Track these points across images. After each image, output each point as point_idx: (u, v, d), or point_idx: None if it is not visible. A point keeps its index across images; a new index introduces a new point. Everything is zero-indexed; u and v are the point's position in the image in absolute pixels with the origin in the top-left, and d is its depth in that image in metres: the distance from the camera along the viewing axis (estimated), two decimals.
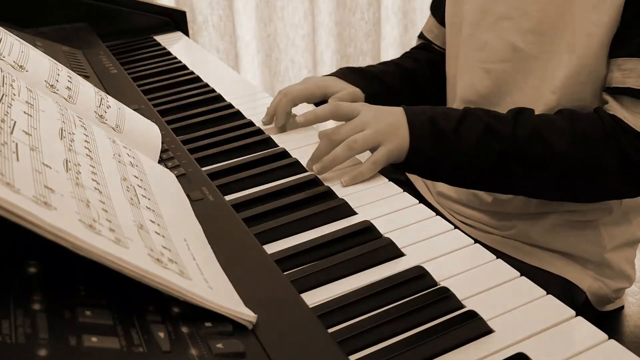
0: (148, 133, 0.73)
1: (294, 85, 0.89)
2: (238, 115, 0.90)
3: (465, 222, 0.92)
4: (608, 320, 0.88)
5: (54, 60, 0.76)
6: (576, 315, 0.49)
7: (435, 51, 1.02)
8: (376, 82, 0.95)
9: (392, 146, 0.72)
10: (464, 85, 0.88)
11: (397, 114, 0.74)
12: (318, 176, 0.72)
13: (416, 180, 1.03)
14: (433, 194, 0.99)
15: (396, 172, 0.90)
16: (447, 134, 0.72)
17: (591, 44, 0.74)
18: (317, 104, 0.90)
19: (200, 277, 0.45)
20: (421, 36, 1.06)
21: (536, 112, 0.76)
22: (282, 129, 0.87)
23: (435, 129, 0.72)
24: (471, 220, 0.91)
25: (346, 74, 0.94)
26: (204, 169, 0.71)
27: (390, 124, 0.73)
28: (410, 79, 0.99)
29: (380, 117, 0.73)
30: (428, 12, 1.04)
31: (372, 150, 0.73)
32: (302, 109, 0.86)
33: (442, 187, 0.94)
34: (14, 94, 0.51)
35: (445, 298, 0.51)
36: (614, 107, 0.73)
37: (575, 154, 0.72)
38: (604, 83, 0.76)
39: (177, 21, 1.36)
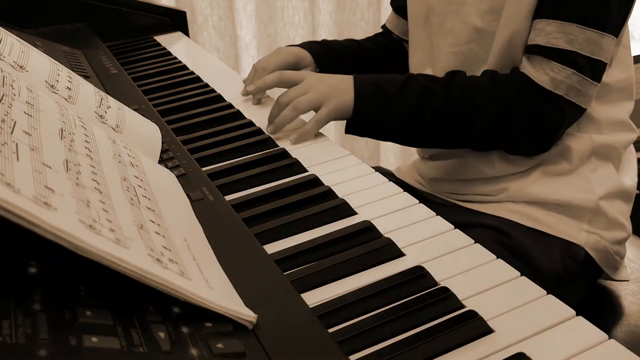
0: (148, 133, 0.73)
1: (270, 59, 0.99)
2: (238, 115, 0.91)
3: (463, 199, 0.96)
4: (608, 320, 0.88)
5: (54, 60, 0.76)
6: (581, 276, 0.49)
7: (392, 39, 1.14)
8: (334, 55, 1.06)
9: (333, 105, 0.81)
10: (439, 72, 0.93)
11: (343, 77, 0.84)
12: (271, 136, 0.82)
13: (406, 176, 1.08)
14: (426, 184, 1.03)
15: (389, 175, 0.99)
16: (390, 96, 0.82)
17: (521, 10, 0.82)
18: None
19: (201, 277, 0.45)
20: (383, 27, 1.17)
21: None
22: (258, 100, 0.96)
23: (379, 90, 0.82)
24: (468, 195, 0.95)
25: (312, 46, 1.04)
26: (204, 169, 0.71)
27: (332, 86, 0.82)
28: (366, 58, 1.10)
29: (323, 80, 0.84)
30: None
31: (316, 110, 0.83)
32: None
33: (433, 172, 0.99)
34: (14, 94, 0.51)
35: (445, 298, 0.51)
36: (524, 66, 0.83)
37: (494, 109, 0.82)
38: None
39: (177, 21, 1.37)
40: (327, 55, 1.05)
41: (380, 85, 0.82)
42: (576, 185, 0.87)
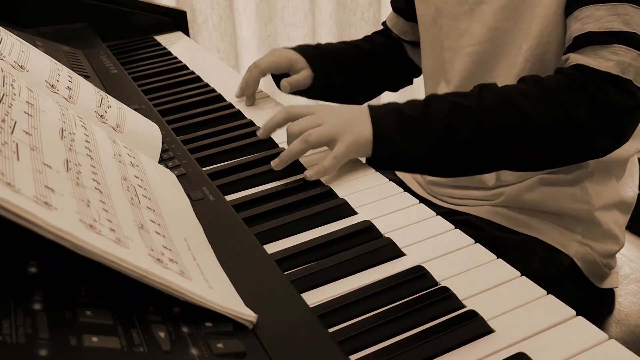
0: (148, 133, 0.73)
1: (262, 58, 0.98)
2: (238, 115, 0.91)
3: (458, 203, 0.95)
4: (608, 320, 0.88)
5: (54, 60, 0.76)
6: (560, 281, 0.49)
7: (391, 37, 1.10)
8: (329, 59, 1.01)
9: (350, 139, 0.71)
10: (454, 72, 0.91)
11: (357, 109, 0.74)
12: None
13: (405, 176, 1.07)
14: (424, 185, 1.02)
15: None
16: (414, 119, 0.71)
17: (550, 4, 0.77)
18: (283, 75, 0.99)
19: (201, 277, 0.45)
20: (383, 24, 1.13)
21: (510, 78, 0.81)
22: (252, 101, 0.97)
23: (401, 116, 0.72)
24: (464, 200, 0.94)
25: (306, 50, 1.00)
26: (204, 169, 0.71)
27: (346, 119, 0.72)
28: (363, 60, 1.05)
29: (336, 113, 0.74)
30: None
31: (330, 146, 0.73)
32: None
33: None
34: (15, 94, 0.51)
35: (446, 298, 0.51)
36: (577, 58, 0.73)
37: (545, 111, 0.71)
38: (564, 45, 0.78)
39: (177, 21, 1.37)
40: (323, 60, 0.99)
41: (400, 109, 0.72)
42: (573, 195, 0.86)
